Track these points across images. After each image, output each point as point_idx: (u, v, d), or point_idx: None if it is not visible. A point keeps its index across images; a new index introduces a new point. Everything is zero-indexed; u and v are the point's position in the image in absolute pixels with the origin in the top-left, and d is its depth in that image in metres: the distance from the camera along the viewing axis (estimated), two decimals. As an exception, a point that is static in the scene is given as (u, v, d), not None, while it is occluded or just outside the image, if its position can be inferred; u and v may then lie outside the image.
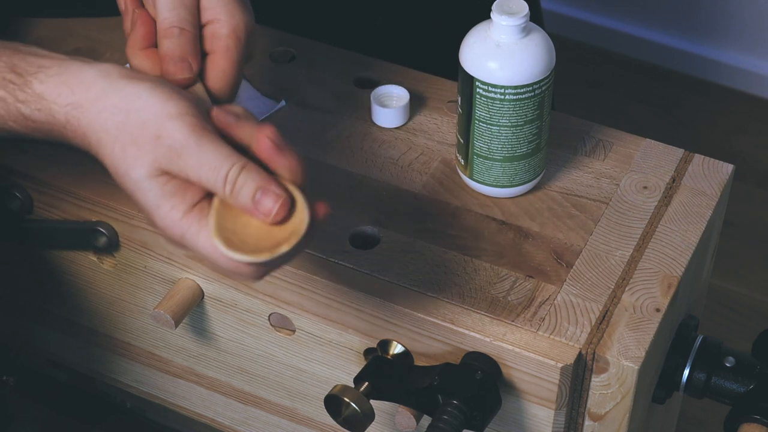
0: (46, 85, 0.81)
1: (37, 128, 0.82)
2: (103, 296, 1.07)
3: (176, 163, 0.78)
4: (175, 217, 0.78)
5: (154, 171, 0.78)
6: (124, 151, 0.79)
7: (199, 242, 0.78)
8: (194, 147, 0.78)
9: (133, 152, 0.79)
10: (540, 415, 0.91)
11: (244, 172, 0.78)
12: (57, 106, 0.80)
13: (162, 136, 0.78)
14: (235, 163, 0.78)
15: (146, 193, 0.79)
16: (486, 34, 0.93)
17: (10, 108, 0.81)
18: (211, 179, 0.78)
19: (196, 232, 0.78)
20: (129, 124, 0.79)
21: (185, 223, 0.78)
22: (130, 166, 0.79)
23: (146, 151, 0.78)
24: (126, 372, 1.13)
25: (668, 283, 0.92)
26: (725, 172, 1.01)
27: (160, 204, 0.79)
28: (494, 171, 0.97)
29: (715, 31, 2.16)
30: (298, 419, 1.05)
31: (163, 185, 0.78)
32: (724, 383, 0.95)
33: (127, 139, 0.79)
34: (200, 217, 0.78)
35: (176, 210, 0.78)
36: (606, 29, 2.24)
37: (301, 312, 0.96)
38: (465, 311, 0.91)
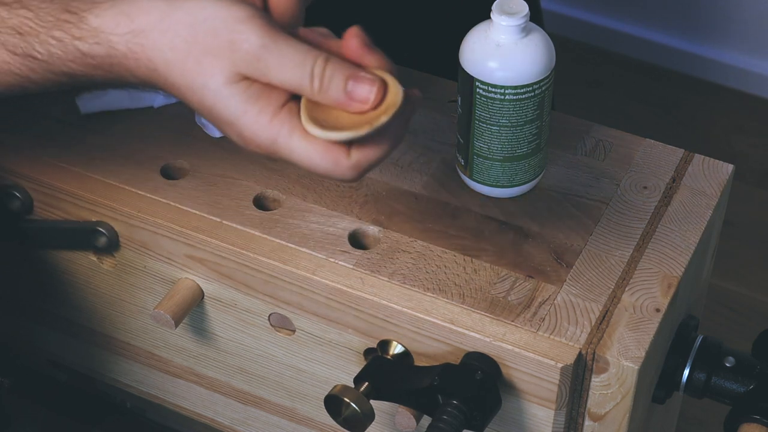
0: (102, 18, 0.78)
1: (98, 65, 0.79)
2: (103, 296, 1.07)
3: (256, 66, 0.75)
4: (263, 121, 0.76)
5: (234, 76, 0.76)
6: (200, 63, 0.76)
7: (293, 142, 0.75)
8: (273, 46, 0.75)
9: (209, 61, 0.76)
10: (540, 415, 0.91)
11: (330, 64, 0.75)
12: (116, 37, 0.78)
13: (236, 40, 0.75)
14: (318, 56, 0.75)
15: (229, 101, 0.76)
16: (486, 34, 0.93)
17: (68, 47, 0.79)
18: (297, 77, 0.75)
19: (289, 132, 0.76)
20: (199, 34, 0.76)
21: (276, 125, 0.76)
22: (207, 76, 0.76)
23: (223, 57, 0.76)
24: (126, 372, 1.13)
25: (668, 283, 0.92)
26: (725, 172, 1.01)
27: (247, 109, 0.76)
28: (494, 171, 0.97)
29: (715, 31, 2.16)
30: (298, 419, 1.05)
31: (246, 89, 0.76)
32: (724, 383, 0.95)
33: (199, 50, 0.76)
34: (290, 116, 0.76)
35: (264, 113, 0.76)
36: (606, 29, 2.24)
37: (301, 312, 0.96)
38: (465, 311, 0.91)
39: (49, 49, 0.79)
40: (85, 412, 1.27)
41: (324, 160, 0.76)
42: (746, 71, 2.16)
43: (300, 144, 0.75)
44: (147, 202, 0.98)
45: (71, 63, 0.79)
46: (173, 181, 1.00)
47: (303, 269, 0.93)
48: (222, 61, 0.76)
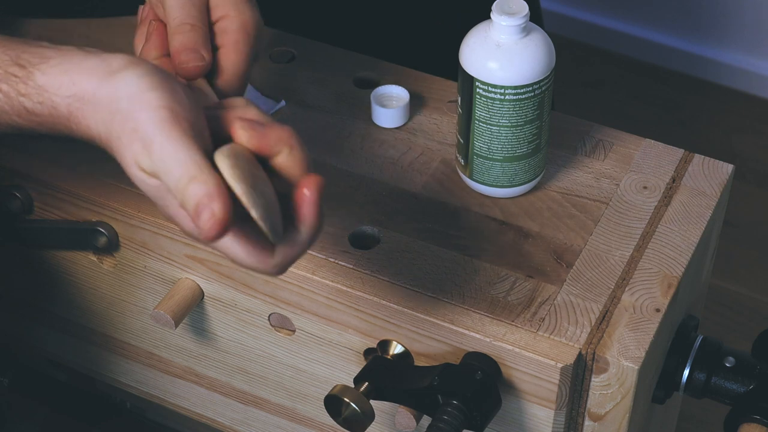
0: (47, 76, 0.79)
1: (42, 122, 0.80)
2: (103, 296, 1.07)
3: (144, 161, 0.75)
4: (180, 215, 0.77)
5: (139, 169, 0.76)
6: (119, 148, 0.77)
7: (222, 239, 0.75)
8: (158, 146, 0.75)
9: (121, 147, 0.76)
10: (540, 415, 0.91)
11: (192, 182, 0.74)
12: (59, 98, 0.78)
13: (137, 129, 0.75)
14: (186, 171, 0.74)
15: (145, 192, 0.77)
16: (486, 34, 0.93)
17: (14, 102, 0.79)
18: (169, 183, 0.75)
19: None
20: (115, 115, 0.76)
21: None
22: (124, 162, 0.77)
23: (128, 147, 0.76)
24: (126, 372, 1.13)
25: (668, 283, 0.92)
26: (725, 172, 1.01)
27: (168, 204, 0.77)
28: (494, 171, 0.97)
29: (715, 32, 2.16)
30: (298, 419, 1.05)
31: (149, 184, 0.76)
32: (724, 383, 0.95)
33: (116, 134, 0.76)
34: None
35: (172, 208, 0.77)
36: (606, 29, 2.24)
37: (301, 312, 0.96)
38: (465, 311, 0.91)
39: None
40: (85, 412, 1.27)
41: (249, 258, 0.76)
42: (746, 71, 2.16)
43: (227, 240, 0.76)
44: (147, 202, 0.98)
45: (16, 118, 0.80)
46: (173, 181, 1.00)
47: (303, 269, 0.93)
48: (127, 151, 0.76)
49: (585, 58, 2.24)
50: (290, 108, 1.07)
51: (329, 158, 1.02)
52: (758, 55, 2.15)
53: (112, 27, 1.13)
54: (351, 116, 1.06)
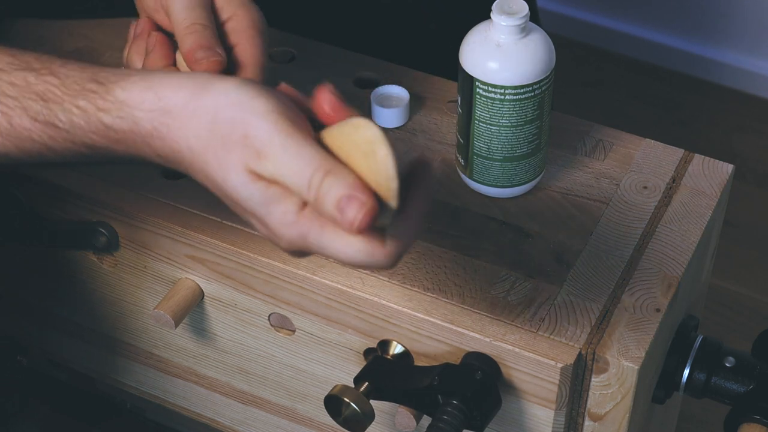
0: (128, 92, 0.76)
1: (120, 139, 0.77)
2: (103, 296, 1.07)
3: (265, 166, 0.73)
4: (289, 220, 0.73)
5: (250, 175, 0.74)
6: (217, 157, 0.74)
7: (325, 239, 0.73)
8: (279, 148, 0.73)
9: (225, 157, 0.74)
10: (540, 415, 0.91)
11: (328, 177, 0.72)
12: (141, 113, 0.76)
13: (249, 135, 0.73)
14: (318, 167, 0.72)
15: (251, 199, 0.74)
16: (486, 34, 0.93)
17: (91, 118, 0.77)
18: (296, 184, 0.73)
19: (319, 228, 0.73)
20: (219, 124, 0.74)
21: (304, 223, 0.73)
22: (226, 171, 0.74)
23: (236, 154, 0.74)
24: (126, 372, 1.13)
25: (668, 283, 0.92)
26: (725, 172, 1.01)
27: (270, 210, 0.74)
28: (494, 171, 0.97)
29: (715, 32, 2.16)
30: (298, 419, 1.05)
31: (265, 190, 0.74)
32: (724, 383, 0.95)
33: (218, 143, 0.74)
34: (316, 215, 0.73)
35: (289, 213, 0.73)
36: (606, 29, 2.24)
37: (301, 312, 0.96)
38: (465, 311, 0.91)
39: (71, 118, 0.77)
40: (85, 412, 1.27)
41: (360, 253, 0.73)
42: (746, 71, 2.16)
43: (333, 239, 0.73)
44: (147, 202, 0.98)
45: (93, 135, 0.77)
46: (174, 181, 1.00)
47: (303, 269, 0.93)
48: (237, 157, 0.74)
49: (585, 57, 2.24)
50: (290, 108, 1.06)
51: (329, 158, 1.02)
52: (758, 55, 2.15)
53: (112, 27, 1.13)
54: (351, 116, 1.06)
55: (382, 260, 0.74)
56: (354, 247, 0.73)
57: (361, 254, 0.73)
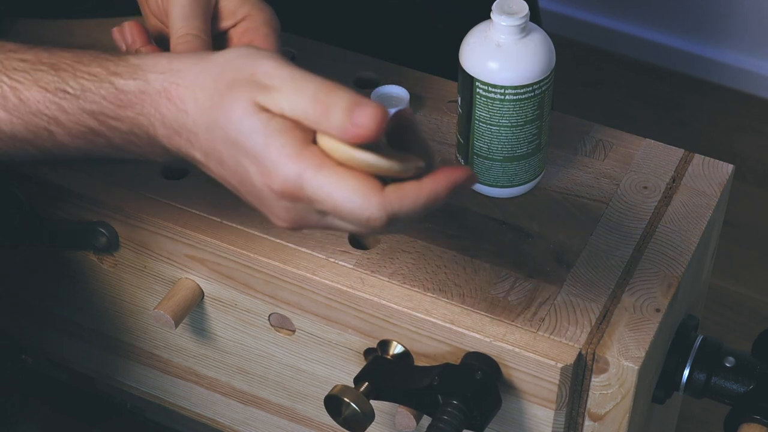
0: (142, 59, 0.80)
1: (129, 102, 0.79)
2: (103, 296, 1.07)
3: (271, 97, 0.75)
4: (288, 153, 0.73)
5: (253, 107, 0.75)
6: (222, 97, 0.76)
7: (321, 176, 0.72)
8: (287, 78, 0.75)
9: (230, 94, 0.76)
10: (540, 415, 0.91)
11: (334, 90, 0.73)
12: (154, 74, 0.78)
13: (256, 72, 0.76)
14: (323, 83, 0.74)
15: (251, 133, 0.74)
16: (486, 34, 0.93)
17: (103, 82, 0.79)
18: (300, 103, 0.74)
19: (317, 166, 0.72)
20: (226, 71, 0.77)
21: (303, 159, 0.73)
22: (228, 108, 0.75)
23: (243, 90, 0.75)
24: (126, 372, 1.13)
25: (668, 283, 0.92)
26: (725, 172, 1.01)
27: (269, 142, 0.74)
28: (494, 171, 0.97)
29: (715, 32, 2.16)
30: (298, 419, 1.05)
31: (268, 122, 0.74)
32: (724, 383, 0.95)
33: (224, 85, 0.76)
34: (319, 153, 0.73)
35: (288, 146, 0.73)
36: (606, 29, 2.24)
37: (301, 312, 0.96)
38: (465, 311, 0.91)
39: (82, 83, 0.79)
40: (85, 412, 1.27)
41: (354, 194, 0.72)
42: (746, 71, 2.16)
43: (329, 177, 0.72)
44: (147, 202, 0.98)
45: (102, 99, 0.79)
46: (173, 181, 1.00)
47: (303, 269, 0.93)
48: (241, 92, 0.75)
49: (585, 57, 2.24)
50: (290, 108, 1.06)
51: (329, 158, 1.02)
52: (759, 55, 2.15)
53: (112, 27, 1.13)
54: (351, 116, 1.06)
55: (375, 209, 0.72)
56: (350, 186, 0.72)
57: (356, 196, 0.72)
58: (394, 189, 0.73)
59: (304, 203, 0.75)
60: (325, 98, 0.73)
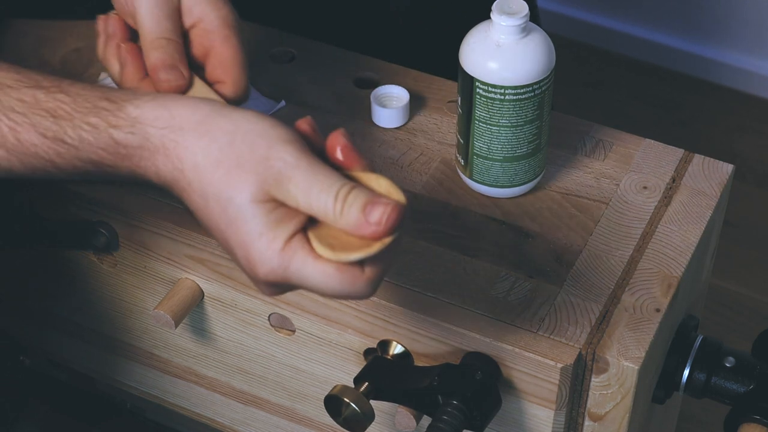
0: (141, 109, 0.77)
1: (127, 155, 0.77)
2: (103, 296, 1.07)
3: (285, 187, 0.74)
4: (276, 248, 0.74)
5: (262, 195, 0.74)
6: (230, 175, 0.74)
7: (307, 269, 0.74)
8: (306, 168, 0.74)
9: (239, 175, 0.74)
10: (540, 415, 0.91)
11: (354, 190, 0.74)
12: (154, 129, 0.76)
13: (272, 158, 0.74)
14: (345, 182, 0.74)
15: (250, 221, 0.74)
16: (486, 34, 0.93)
17: (101, 134, 0.77)
18: (322, 200, 0.74)
19: (302, 259, 0.74)
20: (236, 145, 0.75)
21: (288, 253, 0.74)
22: (235, 189, 0.74)
23: (254, 173, 0.74)
24: (126, 372, 1.13)
25: (668, 283, 0.92)
26: (725, 172, 1.01)
27: (263, 232, 0.74)
28: (494, 171, 0.97)
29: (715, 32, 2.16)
30: (298, 419, 1.05)
31: (270, 212, 0.74)
32: (724, 383, 0.95)
33: (232, 162, 0.74)
34: (302, 245, 0.74)
35: (277, 240, 0.74)
36: (606, 29, 2.24)
37: (301, 312, 0.96)
38: (465, 311, 0.91)
39: (80, 134, 0.78)
40: (85, 412, 1.27)
41: (342, 283, 0.74)
42: (747, 71, 2.16)
43: (315, 270, 0.74)
44: (147, 202, 0.98)
45: (101, 151, 0.78)
46: (173, 181, 1.00)
47: (303, 269, 0.93)
48: (252, 177, 0.74)
49: (585, 58, 2.24)
50: (290, 108, 1.07)
51: (329, 158, 1.02)
52: (759, 55, 2.15)
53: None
54: (351, 116, 1.06)
55: (362, 288, 0.75)
56: (336, 277, 0.75)
57: (343, 283, 0.75)
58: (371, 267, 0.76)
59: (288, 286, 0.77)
60: (345, 197, 0.74)
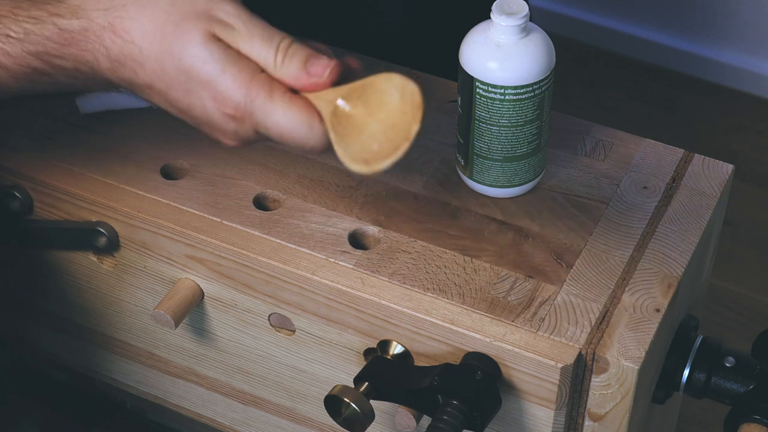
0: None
1: (73, 40, 0.79)
2: (103, 296, 1.07)
3: (229, 34, 0.78)
4: (243, 80, 0.78)
5: (212, 37, 0.78)
6: (178, 26, 0.78)
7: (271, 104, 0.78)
8: (246, 19, 0.78)
9: (187, 24, 0.78)
10: (540, 415, 0.91)
11: (294, 44, 0.78)
12: (97, 12, 0.79)
13: (213, 9, 0.78)
14: (285, 36, 0.78)
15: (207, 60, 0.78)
16: (486, 34, 0.93)
17: (45, 23, 0.80)
18: (263, 50, 0.78)
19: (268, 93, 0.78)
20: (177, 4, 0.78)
21: (255, 85, 0.78)
22: (186, 37, 0.78)
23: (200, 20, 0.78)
24: (126, 372, 1.13)
25: (668, 283, 0.92)
26: (725, 172, 1.01)
27: (225, 68, 0.78)
28: (494, 171, 0.97)
29: (715, 32, 2.16)
30: (298, 419, 1.05)
31: (224, 50, 0.78)
32: (724, 383, 0.95)
33: (178, 16, 0.78)
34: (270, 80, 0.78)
35: (243, 73, 0.78)
36: (606, 29, 2.24)
37: (301, 312, 0.96)
38: (465, 311, 0.91)
39: (24, 27, 0.80)
40: (85, 412, 1.27)
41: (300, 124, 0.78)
42: (746, 71, 2.16)
43: (279, 105, 0.77)
44: (147, 202, 0.98)
45: (46, 40, 0.80)
46: (173, 181, 1.00)
47: (303, 269, 0.93)
48: (199, 23, 0.78)
49: (585, 58, 2.24)
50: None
51: (329, 158, 1.02)
52: (758, 55, 2.15)
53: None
54: (351, 116, 1.06)
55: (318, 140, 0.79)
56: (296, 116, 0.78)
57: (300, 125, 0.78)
58: None
59: (252, 125, 0.80)
60: (285, 49, 0.78)
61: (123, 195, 0.99)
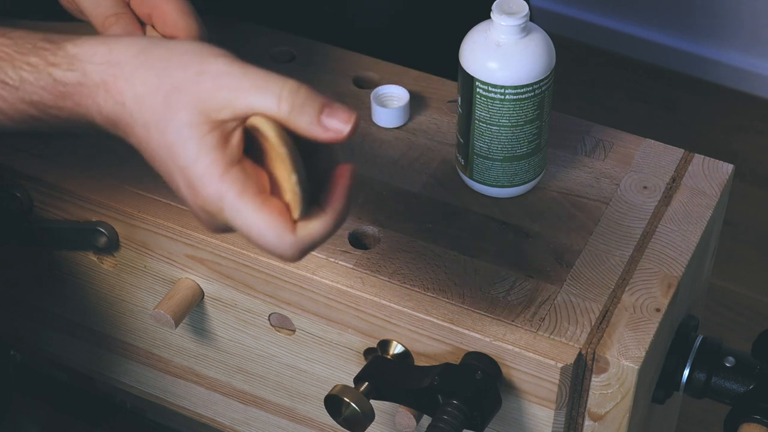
0: (80, 47, 0.78)
1: (67, 93, 0.78)
2: (103, 296, 1.07)
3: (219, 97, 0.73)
4: (214, 173, 0.73)
5: (197, 116, 0.73)
6: (167, 98, 0.75)
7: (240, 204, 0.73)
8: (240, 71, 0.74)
9: (176, 98, 0.74)
10: (540, 415, 0.91)
11: (303, 89, 0.73)
12: (92, 66, 0.77)
13: (205, 71, 0.74)
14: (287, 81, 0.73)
15: (186, 143, 0.74)
16: (486, 34, 0.93)
17: (41, 73, 0.78)
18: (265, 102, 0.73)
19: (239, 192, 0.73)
20: (171, 69, 0.75)
21: (227, 181, 0.73)
22: (171, 111, 0.74)
23: (189, 93, 0.74)
24: (126, 372, 1.13)
25: (668, 283, 0.92)
26: (725, 172, 1.01)
27: (199, 157, 0.74)
28: (494, 171, 0.97)
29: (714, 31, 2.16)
30: (298, 419, 1.05)
31: (204, 135, 0.73)
32: (724, 383, 0.95)
33: (169, 85, 0.74)
34: (243, 176, 0.74)
35: (216, 165, 0.73)
36: (605, 29, 2.24)
37: (301, 312, 0.96)
38: (465, 311, 0.91)
39: (21, 74, 0.78)
40: (85, 412, 1.27)
41: (269, 231, 0.73)
42: (746, 71, 2.16)
43: (247, 206, 0.73)
44: (147, 202, 0.98)
45: (42, 90, 0.78)
46: (173, 181, 1.00)
47: (303, 269, 0.93)
48: (188, 97, 0.74)
49: (585, 58, 2.24)
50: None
51: (329, 158, 1.02)
52: (758, 55, 2.15)
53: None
54: (351, 116, 1.06)
55: (287, 247, 0.74)
56: (265, 223, 0.73)
57: (270, 233, 0.73)
58: (304, 226, 0.74)
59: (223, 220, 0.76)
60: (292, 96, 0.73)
61: (123, 195, 0.99)
